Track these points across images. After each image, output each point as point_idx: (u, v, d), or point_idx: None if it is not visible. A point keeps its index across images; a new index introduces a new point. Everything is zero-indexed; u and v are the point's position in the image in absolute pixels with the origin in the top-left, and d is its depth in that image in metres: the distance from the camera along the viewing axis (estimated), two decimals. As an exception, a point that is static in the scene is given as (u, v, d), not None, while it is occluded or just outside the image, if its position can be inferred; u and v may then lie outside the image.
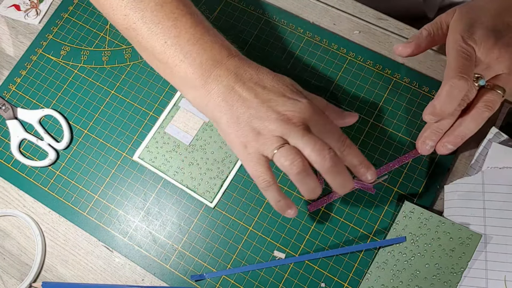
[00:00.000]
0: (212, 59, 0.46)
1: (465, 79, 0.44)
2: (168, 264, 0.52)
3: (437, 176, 0.51)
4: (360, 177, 0.46)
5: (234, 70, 0.46)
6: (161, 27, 0.47)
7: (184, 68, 0.46)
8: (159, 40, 0.47)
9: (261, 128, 0.44)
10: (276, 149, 0.43)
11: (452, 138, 0.49)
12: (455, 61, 0.45)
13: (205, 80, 0.46)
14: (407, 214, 0.50)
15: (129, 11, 0.47)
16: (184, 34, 0.46)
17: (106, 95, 0.58)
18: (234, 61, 0.47)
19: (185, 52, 0.46)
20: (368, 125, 0.54)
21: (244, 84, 0.45)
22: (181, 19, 0.47)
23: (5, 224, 0.56)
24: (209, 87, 0.46)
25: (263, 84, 0.46)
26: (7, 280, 0.54)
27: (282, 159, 0.43)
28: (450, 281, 0.47)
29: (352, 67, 0.56)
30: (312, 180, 0.44)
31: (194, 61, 0.46)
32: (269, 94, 0.45)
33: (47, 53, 0.61)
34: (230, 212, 0.53)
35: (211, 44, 0.47)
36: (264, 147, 0.44)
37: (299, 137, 0.43)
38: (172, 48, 0.46)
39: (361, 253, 0.50)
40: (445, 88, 0.45)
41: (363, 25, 0.57)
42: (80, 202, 0.55)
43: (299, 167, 0.42)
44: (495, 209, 0.48)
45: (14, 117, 0.58)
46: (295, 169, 0.42)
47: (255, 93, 0.45)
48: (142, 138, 0.56)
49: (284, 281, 0.50)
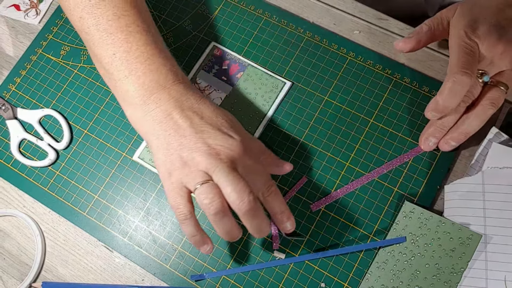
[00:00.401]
0: (156, 82, 0.46)
1: (468, 75, 0.44)
2: (168, 264, 0.52)
3: (437, 176, 0.51)
4: (279, 225, 0.46)
5: (176, 96, 0.45)
6: (113, 38, 0.46)
7: (127, 85, 0.46)
8: (108, 50, 0.46)
9: (189, 159, 0.43)
10: (199, 184, 0.42)
11: (456, 135, 0.49)
12: (458, 56, 0.45)
13: (145, 101, 0.45)
14: (407, 214, 0.50)
15: (85, 15, 0.47)
16: (134, 51, 0.46)
17: (106, 95, 0.58)
18: (178, 87, 0.46)
19: (131, 68, 0.46)
20: (368, 125, 0.54)
21: (182, 112, 0.45)
22: (135, 35, 0.46)
23: (5, 224, 0.56)
24: (147, 108, 0.45)
25: (202, 114, 0.45)
26: (7, 280, 0.54)
27: (202, 196, 0.42)
28: (450, 281, 0.47)
29: (352, 67, 0.56)
30: (229, 221, 0.43)
31: (138, 79, 0.45)
32: (205, 126, 0.44)
33: (47, 53, 0.61)
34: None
35: (158, 66, 0.46)
36: (188, 179, 0.43)
37: (223, 175, 0.42)
38: (119, 62, 0.46)
39: (361, 253, 0.50)
40: (448, 83, 0.44)
41: (363, 25, 0.57)
42: (80, 202, 0.55)
43: (217, 208, 0.42)
44: (495, 209, 0.48)
45: (14, 117, 0.58)
46: (213, 209, 0.42)
47: (191, 122, 0.44)
48: (142, 138, 0.56)
49: (284, 281, 0.50)
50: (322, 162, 0.53)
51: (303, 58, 0.57)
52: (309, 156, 0.53)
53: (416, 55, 0.55)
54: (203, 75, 0.57)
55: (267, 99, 0.56)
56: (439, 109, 0.46)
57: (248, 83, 0.56)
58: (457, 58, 0.45)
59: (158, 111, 0.45)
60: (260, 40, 0.58)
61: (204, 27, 0.59)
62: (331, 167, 0.53)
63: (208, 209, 0.42)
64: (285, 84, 0.56)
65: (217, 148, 0.43)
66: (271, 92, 0.56)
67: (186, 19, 0.60)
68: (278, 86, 0.56)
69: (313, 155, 0.53)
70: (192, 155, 0.43)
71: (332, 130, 0.54)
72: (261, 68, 0.57)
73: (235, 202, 0.42)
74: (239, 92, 0.56)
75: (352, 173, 0.52)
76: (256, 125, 0.55)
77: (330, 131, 0.54)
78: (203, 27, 0.59)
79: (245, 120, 0.55)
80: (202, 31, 0.59)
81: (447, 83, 0.44)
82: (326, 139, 0.54)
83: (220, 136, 0.44)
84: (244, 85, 0.56)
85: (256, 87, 0.56)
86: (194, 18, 0.60)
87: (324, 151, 0.53)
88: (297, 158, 0.53)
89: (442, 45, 0.56)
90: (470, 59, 0.44)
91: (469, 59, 0.44)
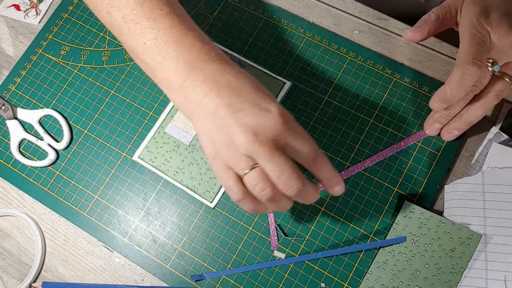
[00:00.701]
0: (189, 64, 0.44)
1: (478, 66, 0.43)
2: (168, 264, 0.52)
3: (437, 176, 0.51)
4: (328, 190, 0.45)
5: (211, 76, 0.44)
6: (140, 27, 0.46)
7: (163, 72, 0.45)
8: (139, 40, 0.46)
9: (229, 142, 0.42)
10: (246, 171, 0.41)
11: (458, 124, 0.49)
12: (469, 46, 0.44)
13: (181, 85, 0.44)
14: (407, 214, 0.50)
15: (111, 8, 0.47)
16: (162, 36, 0.45)
17: (106, 95, 0.58)
18: (212, 65, 0.45)
19: (163, 55, 0.45)
20: (368, 125, 0.54)
21: (219, 91, 0.43)
22: (160, 20, 0.46)
23: (5, 224, 0.56)
24: (185, 91, 0.44)
25: (240, 91, 0.43)
26: (7, 280, 0.54)
27: (251, 184, 0.42)
28: (450, 281, 0.47)
29: (352, 67, 0.56)
30: (282, 200, 0.43)
31: (171, 64, 0.45)
32: (242, 103, 0.43)
33: (47, 53, 0.61)
34: (230, 212, 0.53)
35: (189, 48, 0.45)
36: (232, 163, 0.42)
37: (265, 160, 0.41)
38: (151, 50, 0.45)
39: (361, 253, 0.50)
40: (457, 73, 0.44)
41: (363, 25, 0.57)
42: (80, 202, 0.55)
43: (269, 196, 0.42)
44: (495, 209, 0.48)
45: (14, 117, 0.58)
46: (265, 197, 0.42)
47: (228, 101, 0.43)
48: (142, 138, 0.56)
49: (284, 281, 0.50)
50: (322, 162, 0.53)
51: (303, 58, 0.57)
52: (309, 156, 0.53)
53: (416, 55, 0.55)
54: (203, 75, 0.57)
55: (267, 99, 0.56)
56: (446, 99, 0.45)
57: (248, 83, 0.56)
58: (468, 47, 0.44)
59: (195, 93, 0.44)
60: (260, 40, 0.58)
61: (204, 27, 0.59)
62: (331, 167, 0.53)
63: (261, 197, 0.42)
64: (285, 84, 0.56)
65: (255, 127, 0.41)
66: (271, 92, 0.56)
67: (186, 19, 0.60)
68: (278, 86, 0.56)
69: (313, 155, 0.53)
70: (231, 138, 0.42)
71: (332, 130, 0.54)
72: (261, 68, 0.57)
73: (283, 189, 0.42)
74: (239, 92, 0.56)
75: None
76: (256, 125, 0.55)
77: (330, 131, 0.54)
78: (203, 27, 0.59)
79: (245, 120, 0.55)
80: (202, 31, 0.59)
81: (457, 73, 0.44)
82: (326, 139, 0.54)
83: (258, 113, 0.42)
84: (244, 85, 0.56)
85: (256, 87, 0.56)
86: (194, 18, 0.59)
87: (324, 151, 0.53)
88: (297, 158, 0.53)
89: (442, 45, 0.56)
90: (480, 49, 0.44)
91: (479, 48, 0.44)
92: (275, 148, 0.41)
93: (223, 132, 0.42)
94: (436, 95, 0.46)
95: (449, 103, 0.46)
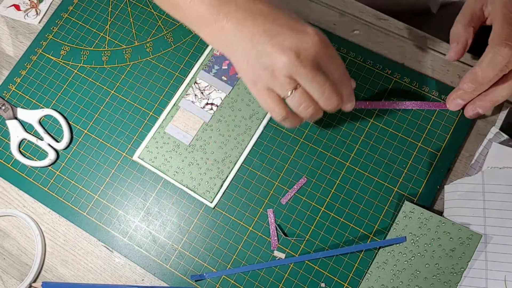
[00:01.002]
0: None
1: (510, 46, 0.43)
2: (168, 264, 0.52)
3: (437, 176, 0.51)
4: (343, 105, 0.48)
5: (244, 5, 0.45)
6: None
7: (195, 9, 0.46)
8: None
9: (269, 65, 0.44)
10: (288, 92, 0.44)
11: (483, 103, 0.49)
12: (502, 27, 0.44)
13: (215, 18, 0.45)
14: (407, 214, 0.50)
15: None
16: None
17: (106, 95, 0.58)
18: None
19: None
20: (368, 125, 0.54)
21: (254, 20, 0.44)
22: None
23: (5, 224, 0.56)
24: (219, 25, 0.45)
25: (274, 17, 0.45)
26: (7, 280, 0.54)
27: (295, 105, 0.45)
28: (450, 281, 0.47)
29: (352, 67, 0.56)
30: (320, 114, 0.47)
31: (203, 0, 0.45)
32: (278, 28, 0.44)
33: (47, 53, 0.61)
34: (230, 212, 0.53)
35: None
36: (274, 85, 0.44)
37: (307, 80, 0.43)
38: None
39: (361, 253, 0.50)
40: (489, 55, 0.44)
41: (363, 25, 0.57)
42: (80, 202, 0.55)
43: (312, 114, 0.46)
44: (495, 209, 0.48)
45: (14, 117, 0.58)
46: (309, 115, 0.46)
47: (264, 28, 0.44)
48: (142, 138, 0.56)
49: (284, 281, 0.50)
50: (322, 162, 0.53)
51: (303, 58, 0.57)
52: (309, 156, 0.53)
53: (416, 55, 0.55)
54: (203, 75, 0.57)
55: (267, 99, 0.56)
56: (477, 80, 0.45)
57: (248, 83, 0.56)
58: (501, 29, 0.44)
59: (230, 24, 0.45)
60: (260, 40, 0.58)
61: (204, 27, 0.59)
62: (331, 167, 0.53)
63: (304, 114, 0.46)
64: (285, 84, 0.56)
65: (295, 49, 0.43)
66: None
67: (186, 19, 0.60)
68: (278, 86, 0.56)
69: (313, 155, 0.53)
70: (272, 62, 0.43)
71: (332, 130, 0.54)
72: (261, 68, 0.56)
73: (324, 105, 0.45)
74: (239, 92, 0.56)
75: (352, 173, 0.52)
76: (256, 125, 0.55)
77: (330, 131, 0.54)
78: (203, 27, 0.59)
79: (245, 120, 0.55)
80: None
81: (488, 54, 0.44)
82: (326, 139, 0.54)
83: (295, 35, 0.43)
84: (244, 85, 0.56)
85: (256, 87, 0.56)
86: (194, 18, 0.60)
87: (324, 151, 0.53)
88: (297, 158, 0.53)
89: (442, 45, 0.56)
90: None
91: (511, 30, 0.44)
92: (316, 68, 0.43)
93: (263, 57, 0.44)
94: (467, 76, 0.46)
95: (480, 84, 0.46)
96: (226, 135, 0.55)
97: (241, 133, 0.55)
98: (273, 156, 0.54)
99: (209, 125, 0.55)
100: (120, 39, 0.60)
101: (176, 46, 0.59)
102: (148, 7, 0.61)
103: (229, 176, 0.54)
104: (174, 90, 0.57)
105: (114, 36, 0.60)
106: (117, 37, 0.60)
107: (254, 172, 0.54)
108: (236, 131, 0.55)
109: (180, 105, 0.56)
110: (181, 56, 0.58)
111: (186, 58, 0.58)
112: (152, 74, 0.58)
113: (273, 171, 0.53)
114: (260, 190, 0.53)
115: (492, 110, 0.53)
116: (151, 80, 0.58)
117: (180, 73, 0.58)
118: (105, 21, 0.61)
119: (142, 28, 0.60)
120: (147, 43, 0.60)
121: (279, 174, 0.53)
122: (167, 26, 0.60)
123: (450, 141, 0.52)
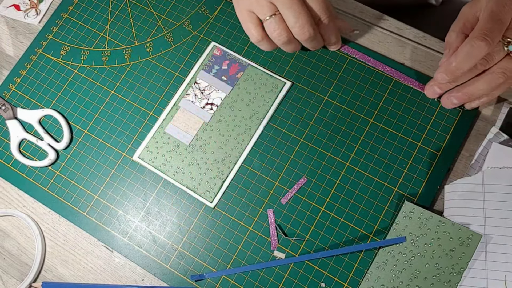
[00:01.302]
0: None
1: (487, 42, 0.43)
2: (168, 264, 0.52)
3: (437, 176, 0.51)
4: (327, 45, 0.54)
5: None
6: None
7: None
8: None
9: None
10: (267, 16, 0.48)
11: (460, 94, 0.49)
12: (485, 21, 0.44)
13: None
14: (407, 214, 0.50)
15: None
16: None
17: (106, 95, 0.58)
18: None
19: None
20: (368, 125, 0.54)
21: None
22: None
23: (5, 224, 0.56)
24: None
25: None
26: (7, 280, 0.54)
27: (270, 29, 0.49)
28: (450, 281, 0.47)
29: (352, 67, 0.56)
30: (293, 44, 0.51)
31: None
32: None
33: (47, 53, 0.61)
34: (230, 212, 0.53)
35: None
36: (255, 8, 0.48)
37: (284, 7, 0.46)
38: None
39: (361, 253, 0.50)
40: (466, 47, 0.43)
41: (363, 25, 0.57)
42: (80, 202, 0.55)
43: (284, 40, 0.50)
44: (495, 209, 0.48)
45: (14, 117, 0.58)
46: (281, 41, 0.50)
47: None
48: (142, 138, 0.56)
49: (284, 281, 0.50)
50: (322, 162, 0.53)
51: (303, 58, 0.57)
52: (309, 156, 0.53)
53: (416, 55, 0.55)
54: (203, 75, 0.57)
55: (267, 99, 0.56)
56: (450, 70, 0.45)
57: (248, 83, 0.56)
58: (484, 23, 0.44)
59: None
60: (260, 40, 0.58)
61: (204, 27, 0.59)
62: (331, 167, 0.53)
63: (277, 41, 0.50)
64: (285, 84, 0.56)
65: None
66: (271, 92, 0.56)
67: (186, 19, 0.60)
68: (278, 86, 0.56)
69: (313, 155, 0.53)
70: None
71: (332, 130, 0.54)
72: (261, 68, 0.57)
73: (297, 34, 0.49)
74: (239, 92, 0.56)
75: (352, 173, 0.52)
76: (256, 125, 0.55)
77: (330, 131, 0.54)
78: (203, 27, 0.59)
79: (245, 120, 0.55)
80: (202, 31, 0.59)
81: (465, 46, 0.44)
82: (326, 139, 0.54)
83: None
84: (244, 85, 0.56)
85: (256, 87, 0.56)
86: (194, 18, 0.60)
87: (324, 151, 0.53)
88: (297, 158, 0.53)
89: (442, 45, 0.55)
90: (495, 27, 0.43)
91: (494, 26, 0.43)
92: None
93: None
94: (441, 66, 0.46)
95: (453, 75, 0.46)
96: (226, 135, 0.55)
97: (241, 133, 0.55)
98: (273, 156, 0.54)
99: (209, 125, 0.55)
100: (120, 39, 0.60)
101: (176, 46, 0.59)
102: (148, 7, 0.61)
103: (229, 176, 0.54)
104: (174, 90, 0.57)
105: (114, 36, 0.60)
106: (117, 37, 0.60)
107: (254, 172, 0.54)
108: (236, 131, 0.55)
109: (180, 105, 0.56)
110: (181, 56, 0.58)
111: (186, 58, 0.58)
112: (152, 74, 0.58)
113: (273, 171, 0.53)
114: (260, 190, 0.53)
115: (492, 110, 0.53)
116: (151, 80, 0.58)
117: (180, 73, 0.58)
118: (105, 21, 0.61)
119: (142, 28, 0.60)
120: (147, 43, 0.60)
121: (279, 174, 0.53)
122: (167, 26, 0.60)
123: (450, 141, 0.52)
